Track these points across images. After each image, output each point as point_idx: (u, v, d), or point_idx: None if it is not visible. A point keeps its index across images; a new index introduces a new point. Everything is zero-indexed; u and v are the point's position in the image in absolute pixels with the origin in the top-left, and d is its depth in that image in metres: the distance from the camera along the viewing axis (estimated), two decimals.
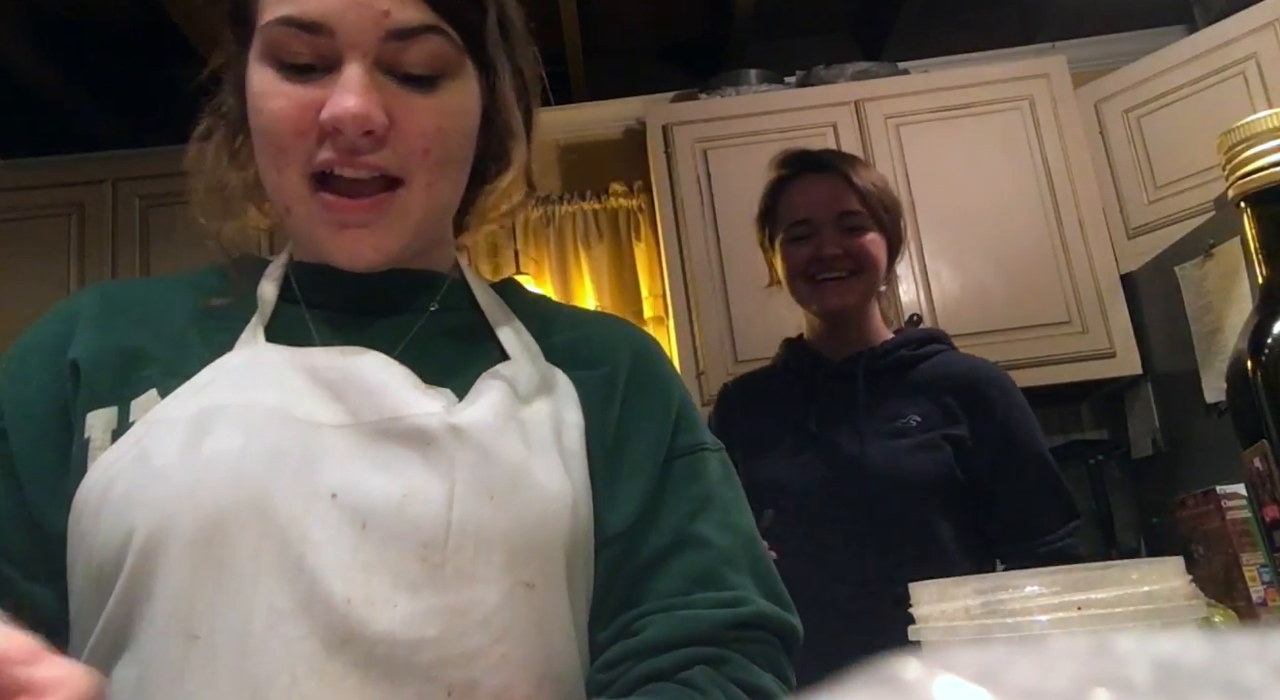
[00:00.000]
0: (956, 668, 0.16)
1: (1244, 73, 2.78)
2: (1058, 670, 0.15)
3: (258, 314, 0.72)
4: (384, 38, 0.66)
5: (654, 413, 0.76)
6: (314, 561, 0.61)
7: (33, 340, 0.73)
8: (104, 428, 0.66)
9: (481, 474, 0.65)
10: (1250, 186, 0.54)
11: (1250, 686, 0.15)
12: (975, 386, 1.55)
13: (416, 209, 0.70)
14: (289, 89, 0.67)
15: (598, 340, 0.79)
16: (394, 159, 0.68)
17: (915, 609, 0.47)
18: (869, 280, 1.57)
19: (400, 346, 0.72)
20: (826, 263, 1.55)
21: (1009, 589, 0.42)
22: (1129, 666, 0.15)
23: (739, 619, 0.68)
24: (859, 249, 1.55)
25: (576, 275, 3.37)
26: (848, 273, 1.55)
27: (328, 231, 0.70)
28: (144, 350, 0.70)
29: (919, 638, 0.46)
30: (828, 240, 1.55)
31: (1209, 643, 0.16)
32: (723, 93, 3.22)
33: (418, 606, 0.61)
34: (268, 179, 0.71)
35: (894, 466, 1.48)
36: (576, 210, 3.40)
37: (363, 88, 0.66)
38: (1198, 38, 2.92)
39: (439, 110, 0.69)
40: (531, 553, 0.65)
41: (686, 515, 0.72)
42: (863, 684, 0.16)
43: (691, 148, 3.08)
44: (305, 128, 0.67)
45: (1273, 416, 0.51)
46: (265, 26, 0.67)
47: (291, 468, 0.63)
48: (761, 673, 0.67)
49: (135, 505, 0.61)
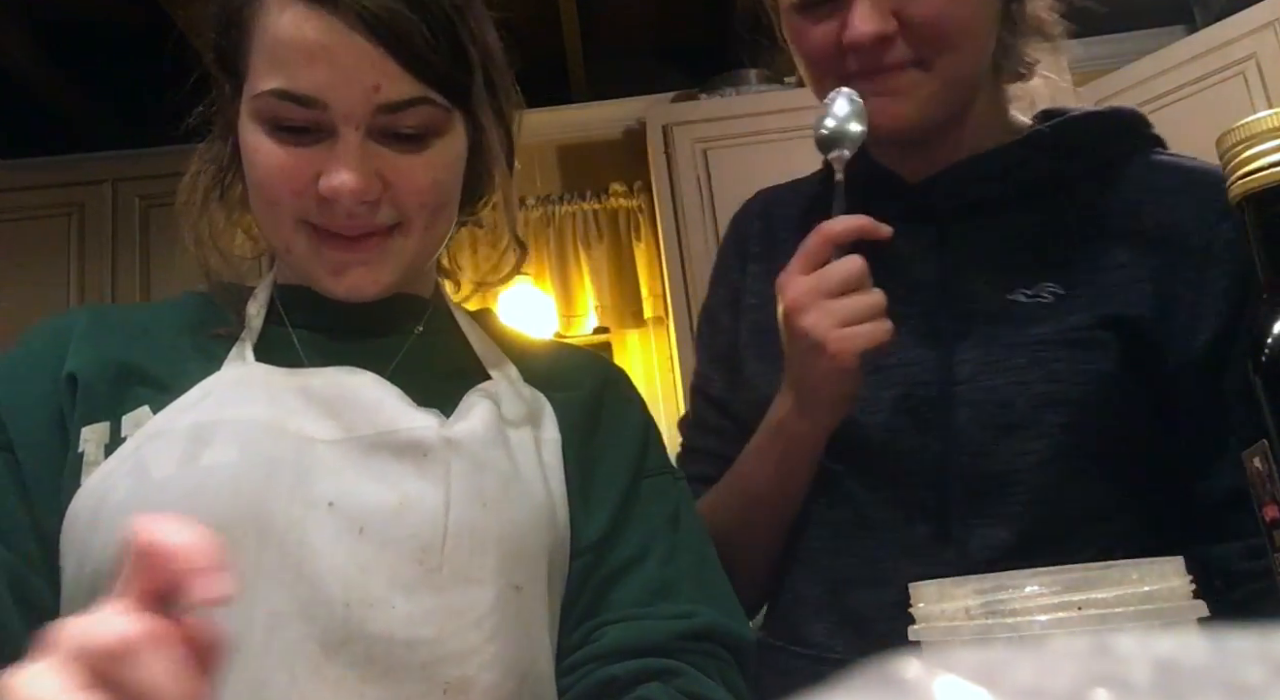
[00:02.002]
0: (956, 668, 0.16)
1: (1244, 73, 2.78)
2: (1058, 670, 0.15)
3: (246, 332, 0.75)
4: (375, 111, 0.68)
5: (626, 434, 0.81)
6: (313, 567, 0.63)
7: (27, 353, 0.74)
8: (98, 442, 0.68)
9: (475, 481, 0.68)
10: (1250, 186, 0.54)
11: (1250, 686, 0.15)
12: (1206, 225, 0.81)
13: (413, 247, 0.74)
14: (284, 151, 0.69)
15: (570, 367, 0.84)
16: (391, 213, 0.71)
17: (915, 609, 0.47)
18: (956, 66, 0.84)
19: (390, 368, 0.74)
20: (863, 53, 0.83)
21: (1009, 589, 0.42)
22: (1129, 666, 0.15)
23: (691, 630, 0.71)
24: (928, 12, 0.81)
25: (576, 275, 3.37)
26: (911, 62, 0.83)
27: (327, 271, 0.72)
28: (137, 366, 0.72)
29: (919, 638, 0.46)
30: (865, 6, 0.81)
31: (1209, 643, 0.16)
32: (723, 93, 3.22)
33: (415, 607, 0.64)
34: (264, 224, 0.74)
35: (999, 385, 0.81)
36: (576, 210, 3.40)
37: (358, 161, 0.68)
38: (1198, 38, 2.92)
39: (431, 165, 0.72)
40: (520, 557, 0.68)
41: (651, 532, 0.76)
42: (863, 684, 0.16)
43: (691, 148, 3.08)
44: (301, 188, 0.69)
45: (1273, 416, 0.51)
46: (258, 96, 0.69)
47: (288, 479, 0.65)
48: (714, 685, 0.70)
49: (132, 515, 0.62)
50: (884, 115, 0.84)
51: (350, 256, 0.72)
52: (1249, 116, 0.55)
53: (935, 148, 0.89)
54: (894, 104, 0.84)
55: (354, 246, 0.72)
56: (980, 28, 0.85)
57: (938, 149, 0.89)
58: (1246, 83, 2.76)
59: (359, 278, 0.72)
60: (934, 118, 0.86)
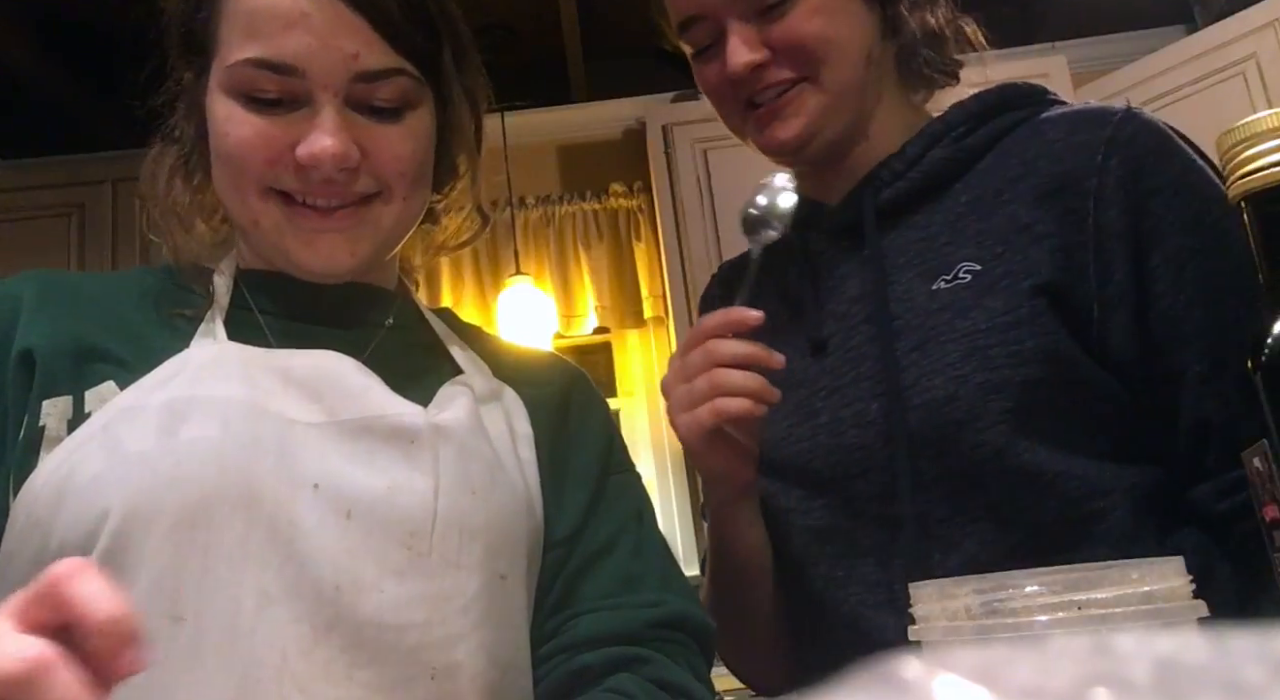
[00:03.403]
0: (956, 667, 0.16)
1: (1244, 73, 2.78)
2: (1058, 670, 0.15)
3: (214, 309, 0.73)
4: (353, 79, 0.69)
5: (593, 433, 0.83)
6: (303, 546, 0.62)
7: None
8: (60, 417, 0.66)
9: (463, 469, 0.69)
10: (1250, 186, 0.54)
11: (1250, 686, 0.15)
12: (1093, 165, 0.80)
13: (390, 218, 0.73)
14: (257, 121, 0.69)
15: (535, 367, 0.86)
16: (370, 182, 0.71)
17: (915, 609, 0.47)
18: (836, 77, 0.86)
19: (363, 358, 0.73)
20: (742, 81, 0.87)
21: (1009, 589, 0.42)
22: (1129, 666, 0.15)
23: (659, 618, 0.73)
24: (789, 36, 0.85)
25: (576, 275, 3.37)
26: (790, 82, 0.87)
27: (299, 242, 0.71)
28: (98, 343, 0.70)
29: (919, 638, 0.46)
30: (735, 41, 0.86)
31: (1209, 643, 0.16)
32: None
33: (404, 592, 0.64)
34: (228, 199, 0.73)
35: (940, 382, 0.80)
36: (576, 210, 3.40)
37: (338, 128, 0.68)
38: (1198, 38, 2.92)
39: (407, 135, 0.72)
40: (505, 545, 0.70)
41: (619, 527, 0.78)
42: (863, 683, 0.16)
43: (691, 148, 3.08)
44: (275, 158, 0.69)
45: (1273, 416, 0.51)
46: (233, 66, 0.69)
47: (272, 457, 0.64)
48: (682, 671, 0.72)
49: (108, 487, 0.61)
50: (783, 133, 0.88)
51: (323, 225, 0.71)
52: (1249, 116, 0.55)
53: (847, 165, 0.91)
54: (787, 123, 0.88)
55: (327, 217, 0.71)
56: (847, 39, 0.86)
57: (850, 166, 0.91)
58: (1246, 83, 2.76)
59: (334, 248, 0.71)
60: (830, 129, 0.88)
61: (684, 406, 0.82)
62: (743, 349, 0.81)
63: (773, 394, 0.81)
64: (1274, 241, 0.54)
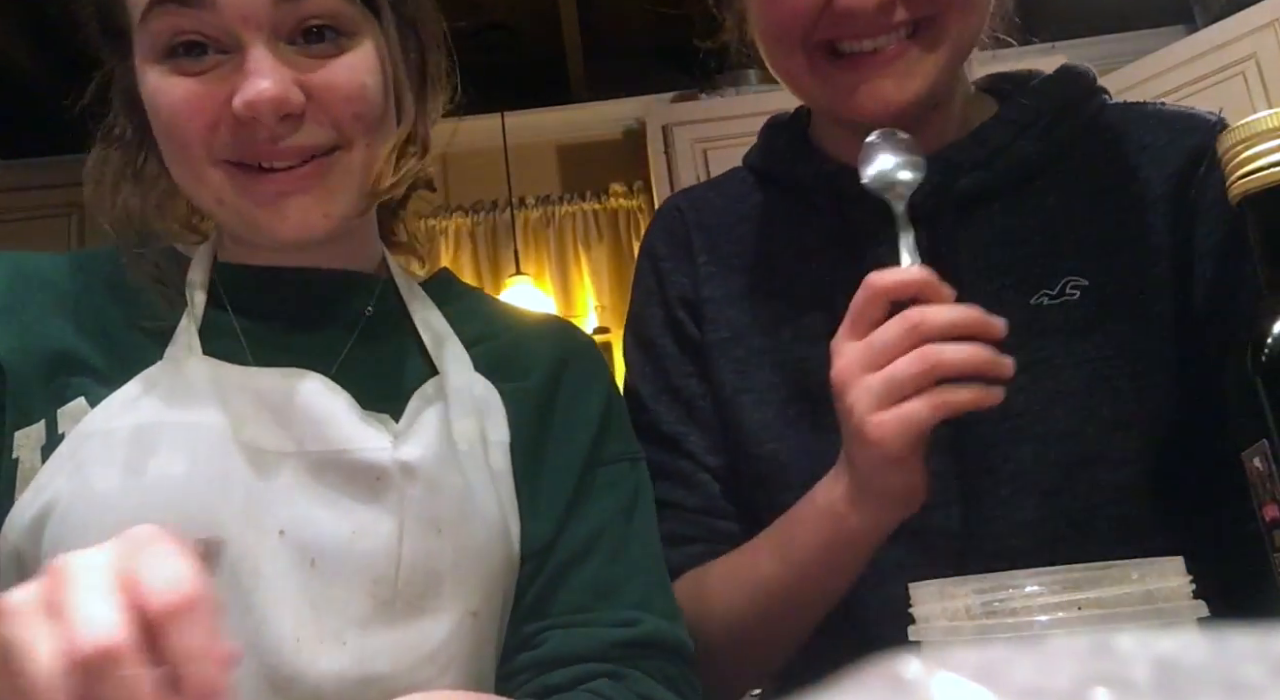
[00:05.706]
0: (956, 667, 0.16)
1: (1244, 73, 2.78)
2: (1058, 670, 0.15)
3: (188, 318, 0.69)
4: (273, 3, 0.62)
5: (581, 422, 0.76)
6: (264, 597, 0.61)
7: None
8: (33, 447, 0.64)
9: (429, 507, 0.65)
10: (1250, 186, 0.54)
11: (1250, 686, 0.15)
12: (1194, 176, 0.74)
13: (358, 168, 0.67)
14: (187, 82, 0.64)
15: (531, 346, 0.78)
16: (322, 132, 0.65)
17: (915, 609, 0.47)
18: (964, 25, 0.72)
19: (335, 364, 0.70)
20: (852, 20, 0.70)
21: (1009, 589, 0.42)
22: (1129, 666, 0.15)
23: (632, 639, 0.68)
24: None
25: (576, 275, 3.37)
26: (907, 33, 0.71)
27: (268, 212, 0.66)
28: (69, 348, 0.67)
29: (919, 638, 0.46)
30: None
31: (1209, 642, 0.16)
32: (723, 93, 3.22)
33: (368, 643, 0.62)
34: (185, 181, 0.68)
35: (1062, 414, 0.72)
36: (576, 210, 3.40)
37: (271, 67, 0.62)
38: (1198, 38, 2.93)
39: (355, 68, 0.66)
40: (477, 581, 0.66)
41: (601, 526, 0.72)
42: (862, 683, 0.16)
43: (691, 148, 3.08)
44: (214, 119, 0.63)
45: (1273, 416, 0.51)
46: (145, 15, 0.63)
47: (239, 499, 0.62)
48: (663, 690, 0.67)
49: (74, 532, 0.60)
50: (897, 93, 0.71)
51: (285, 186, 0.65)
52: (1249, 116, 0.55)
53: (915, 134, 0.71)
54: (902, 83, 0.70)
55: (288, 178, 0.65)
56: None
57: (917, 136, 0.71)
58: (1246, 83, 2.77)
59: (305, 212, 0.66)
60: (941, 93, 0.73)
61: (883, 401, 0.62)
62: (960, 314, 0.61)
63: (1006, 366, 0.61)
64: (1274, 241, 0.54)
